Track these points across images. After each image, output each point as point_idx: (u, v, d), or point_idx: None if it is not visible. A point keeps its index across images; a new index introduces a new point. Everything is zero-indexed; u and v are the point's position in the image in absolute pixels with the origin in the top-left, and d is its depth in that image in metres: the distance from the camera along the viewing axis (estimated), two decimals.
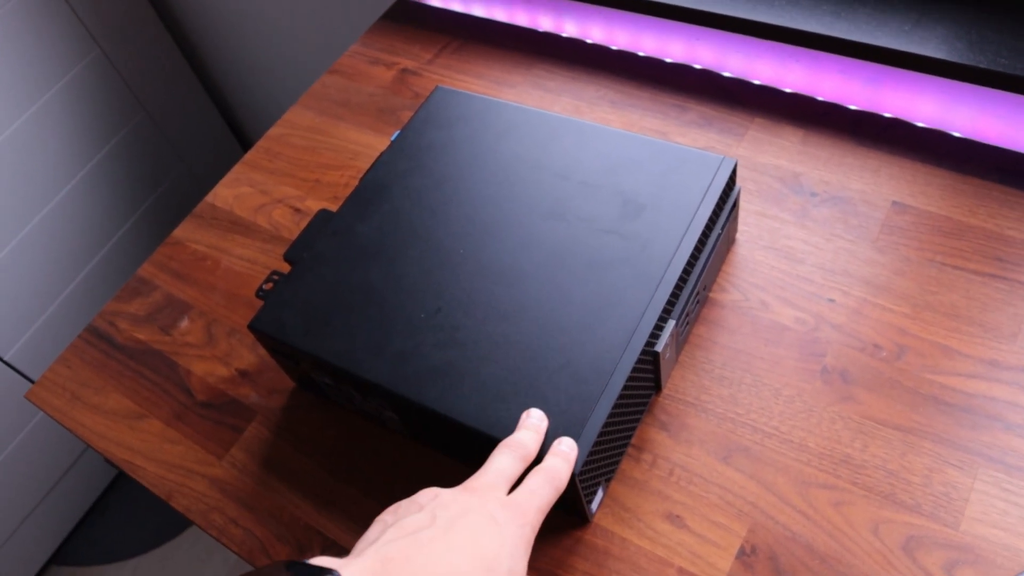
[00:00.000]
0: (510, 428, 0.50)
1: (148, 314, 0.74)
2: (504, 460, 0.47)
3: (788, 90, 0.76)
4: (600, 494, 0.56)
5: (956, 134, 0.69)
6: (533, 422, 0.49)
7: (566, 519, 0.56)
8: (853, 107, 0.73)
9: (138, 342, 0.73)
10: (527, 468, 0.47)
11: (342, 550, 0.58)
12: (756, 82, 0.77)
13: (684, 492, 0.56)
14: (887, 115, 0.72)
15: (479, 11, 0.92)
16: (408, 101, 0.85)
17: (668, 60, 0.81)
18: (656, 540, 0.54)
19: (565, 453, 0.48)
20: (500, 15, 0.90)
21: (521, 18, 0.89)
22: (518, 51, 0.87)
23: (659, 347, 0.54)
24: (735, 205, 0.62)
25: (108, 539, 1.60)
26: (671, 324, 0.55)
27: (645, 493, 0.56)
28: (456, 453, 0.59)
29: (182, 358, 0.71)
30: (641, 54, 0.83)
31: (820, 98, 0.75)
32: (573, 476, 0.48)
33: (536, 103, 0.81)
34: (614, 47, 0.84)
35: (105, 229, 1.48)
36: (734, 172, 0.60)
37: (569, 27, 0.87)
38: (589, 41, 0.85)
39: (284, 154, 0.84)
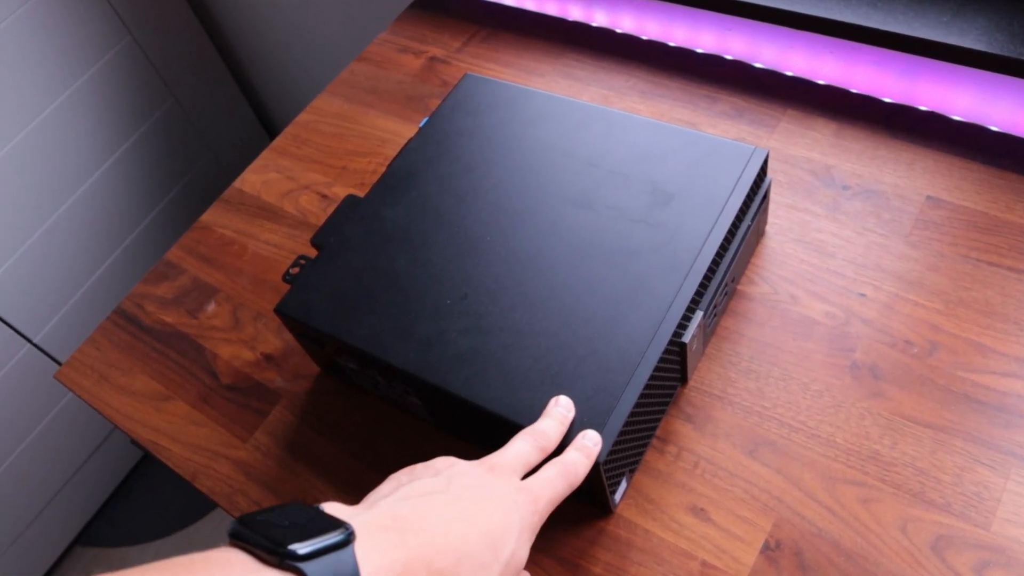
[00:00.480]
0: (535, 416, 0.50)
1: (175, 297, 0.75)
2: (524, 446, 0.46)
3: (821, 82, 0.75)
4: (624, 485, 0.55)
5: (994, 128, 0.68)
6: (560, 411, 0.49)
7: (589, 510, 0.56)
8: (888, 100, 0.72)
9: (165, 325, 0.73)
10: (546, 459, 0.47)
11: None
12: (789, 73, 0.76)
13: (709, 485, 0.55)
14: (923, 108, 0.71)
15: (508, 0, 0.91)
16: (436, 89, 0.85)
17: (699, 50, 0.80)
18: (680, 533, 0.54)
19: (588, 448, 0.47)
20: (529, 4, 0.90)
21: (550, 7, 0.89)
22: (547, 40, 0.86)
23: (686, 338, 0.54)
24: (766, 197, 0.62)
25: (132, 521, 1.62)
26: (699, 315, 0.55)
27: (669, 485, 0.56)
28: (480, 441, 0.59)
29: (208, 341, 0.71)
30: (672, 44, 0.82)
31: (854, 90, 0.73)
32: (598, 465, 0.48)
33: (565, 92, 0.80)
34: (644, 37, 0.83)
35: (133, 216, 1.49)
36: (765, 163, 0.59)
37: (599, 16, 0.86)
38: (619, 31, 0.85)
39: (312, 141, 0.84)
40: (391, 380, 0.57)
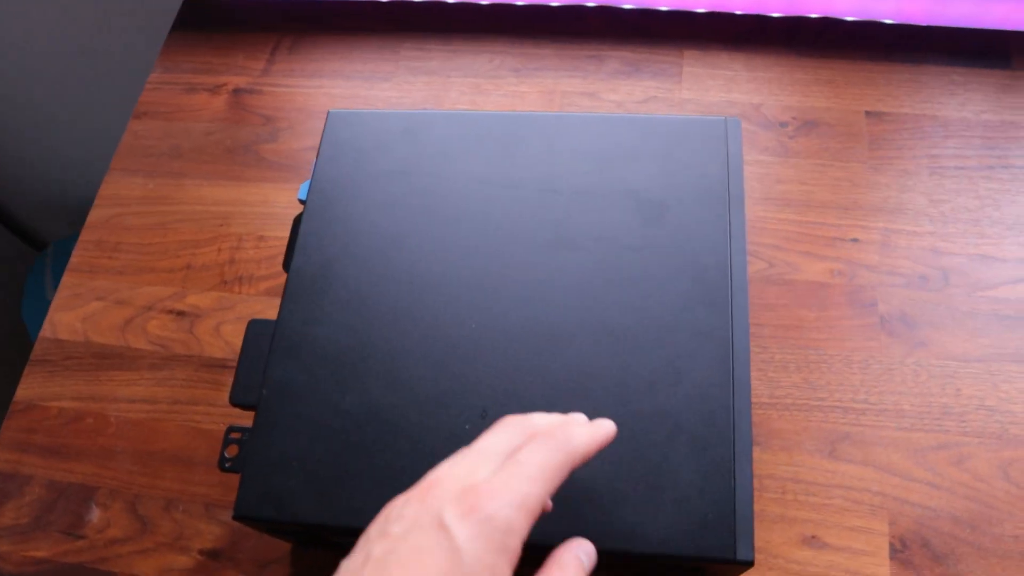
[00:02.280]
0: (648, 536, 0.40)
1: (35, 519, 0.54)
2: (497, 439, 0.32)
3: (701, 10, 0.68)
4: None
5: (888, 21, 0.65)
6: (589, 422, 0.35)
7: None
8: (777, 14, 0.66)
9: (42, 563, 0.53)
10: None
11: None
12: (663, 8, 0.68)
13: (806, 507, 0.49)
14: (814, 16, 0.66)
15: None
16: (259, 129, 0.67)
17: (553, 4, 0.70)
18: (803, 572, 0.48)
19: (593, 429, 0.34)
20: None
21: None
22: (370, 32, 0.71)
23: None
24: None
25: None
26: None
27: (767, 522, 0.49)
28: None
29: (116, 563, 0.52)
30: (519, 3, 0.70)
31: (738, 11, 0.67)
32: (743, 565, 0.40)
33: (423, 92, 0.67)
34: (483, 1, 0.71)
35: None
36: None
37: None
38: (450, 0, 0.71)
39: (125, 243, 0.64)
40: None
